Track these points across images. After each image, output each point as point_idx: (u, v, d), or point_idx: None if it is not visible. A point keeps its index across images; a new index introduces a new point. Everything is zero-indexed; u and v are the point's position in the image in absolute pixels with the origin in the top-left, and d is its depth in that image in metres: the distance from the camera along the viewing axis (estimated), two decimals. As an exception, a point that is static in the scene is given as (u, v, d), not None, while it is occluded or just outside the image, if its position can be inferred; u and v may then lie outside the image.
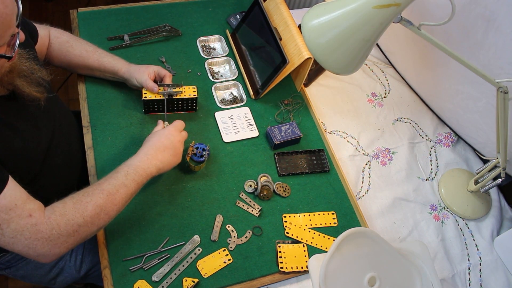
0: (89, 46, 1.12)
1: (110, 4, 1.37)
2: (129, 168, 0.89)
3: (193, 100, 1.12)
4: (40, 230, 0.76)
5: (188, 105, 1.14)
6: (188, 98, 1.11)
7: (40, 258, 0.79)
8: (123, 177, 0.87)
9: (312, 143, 1.17)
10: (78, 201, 0.82)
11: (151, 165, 0.91)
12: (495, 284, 1.07)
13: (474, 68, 0.83)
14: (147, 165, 0.91)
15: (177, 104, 1.12)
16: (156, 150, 0.93)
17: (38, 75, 0.87)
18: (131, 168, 0.89)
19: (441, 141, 1.29)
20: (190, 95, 1.11)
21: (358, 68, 0.89)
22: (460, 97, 1.16)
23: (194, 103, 1.13)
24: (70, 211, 0.80)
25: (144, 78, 1.07)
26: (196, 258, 0.95)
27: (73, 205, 0.81)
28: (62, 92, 2.24)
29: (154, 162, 0.92)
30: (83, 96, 1.15)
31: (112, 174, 0.88)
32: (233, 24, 1.37)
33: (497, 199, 1.19)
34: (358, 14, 0.78)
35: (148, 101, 1.09)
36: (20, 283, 1.69)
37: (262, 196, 1.05)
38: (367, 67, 1.41)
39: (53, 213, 0.78)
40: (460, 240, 1.12)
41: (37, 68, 0.88)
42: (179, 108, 1.14)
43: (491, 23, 0.96)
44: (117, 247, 0.94)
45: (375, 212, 1.11)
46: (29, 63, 0.85)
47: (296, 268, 0.96)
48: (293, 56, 1.14)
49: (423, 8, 1.11)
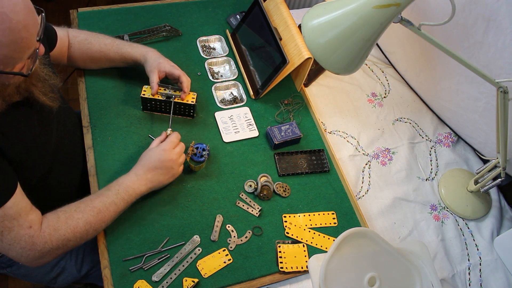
0: (106, 39, 1.13)
1: (110, 4, 1.37)
2: (120, 187, 0.92)
3: (191, 107, 1.11)
4: (35, 242, 0.81)
5: (186, 110, 1.13)
6: (186, 103, 1.10)
7: (27, 264, 0.84)
8: (114, 195, 0.91)
9: (312, 143, 1.17)
10: (70, 217, 0.86)
11: (140, 185, 0.94)
12: (495, 284, 1.07)
13: (474, 68, 0.83)
14: (136, 185, 0.94)
15: (175, 107, 1.12)
16: (145, 171, 0.95)
17: (52, 82, 0.89)
18: (122, 188, 0.92)
19: (441, 141, 1.29)
20: (189, 101, 1.10)
21: (358, 68, 0.89)
22: (460, 97, 1.16)
23: (192, 109, 1.12)
24: (62, 226, 0.84)
25: (151, 74, 1.07)
26: (196, 258, 0.95)
27: (66, 221, 0.85)
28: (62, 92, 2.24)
29: (144, 182, 0.95)
30: (83, 96, 1.16)
31: (104, 192, 0.92)
32: (233, 24, 1.37)
33: (497, 199, 1.19)
34: (358, 14, 0.78)
35: (146, 99, 1.09)
36: (21, 282, 1.69)
37: (262, 196, 1.05)
38: (367, 67, 1.41)
39: (48, 227, 0.83)
40: (460, 240, 1.12)
41: (52, 75, 0.89)
42: (176, 112, 1.14)
43: (491, 23, 0.96)
44: (117, 247, 0.94)
45: (375, 212, 1.11)
46: (46, 69, 0.87)
47: (296, 268, 0.96)
48: (293, 56, 1.14)
49: (423, 8, 1.11)
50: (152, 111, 1.14)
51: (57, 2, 2.58)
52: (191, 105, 1.10)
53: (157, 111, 1.14)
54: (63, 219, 0.85)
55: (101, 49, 1.12)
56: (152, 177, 0.95)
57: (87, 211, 0.87)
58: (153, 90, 1.07)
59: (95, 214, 0.87)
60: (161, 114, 1.14)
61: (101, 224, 0.89)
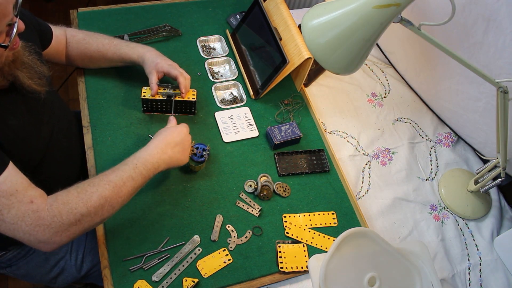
0: (104, 39, 1.13)
1: (110, 4, 1.37)
2: (138, 161, 0.88)
3: (192, 104, 1.12)
4: (41, 216, 0.75)
5: (187, 108, 1.14)
6: (187, 101, 1.11)
7: (41, 246, 0.78)
8: (131, 169, 0.86)
9: (312, 143, 1.17)
10: (83, 190, 0.80)
11: (160, 159, 0.90)
12: (495, 284, 1.07)
13: (474, 68, 0.83)
14: (156, 159, 0.90)
15: (176, 106, 1.12)
16: (167, 145, 0.92)
17: (39, 69, 0.88)
18: (140, 161, 0.88)
19: (441, 141, 1.29)
20: (189, 98, 1.10)
21: (358, 68, 0.89)
22: (460, 97, 1.16)
23: (193, 106, 1.13)
24: (73, 199, 0.78)
25: (150, 75, 1.07)
26: (196, 258, 0.95)
27: (77, 194, 0.79)
28: (62, 92, 2.24)
29: (164, 157, 0.91)
30: (83, 96, 1.15)
31: (120, 166, 0.87)
32: (233, 24, 1.37)
33: (497, 199, 1.19)
34: (358, 14, 0.78)
35: (147, 100, 1.09)
36: (21, 282, 1.69)
37: (262, 196, 1.05)
38: (367, 67, 1.41)
39: (56, 201, 0.77)
40: (460, 240, 1.12)
41: (39, 62, 0.88)
42: (177, 111, 1.14)
43: (491, 23, 0.96)
44: (117, 247, 0.94)
45: (375, 212, 1.11)
46: (31, 56, 0.86)
47: (296, 268, 0.96)
48: (293, 56, 1.14)
49: (423, 8, 1.11)
50: (153, 112, 1.14)
51: (57, 2, 2.58)
52: (192, 102, 1.11)
53: (158, 111, 1.14)
54: (74, 193, 0.79)
55: (99, 49, 1.12)
56: (173, 153, 0.92)
57: (101, 185, 0.82)
58: (153, 91, 1.07)
59: (111, 188, 0.82)
60: (163, 114, 1.14)
61: (117, 200, 0.83)
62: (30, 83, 0.84)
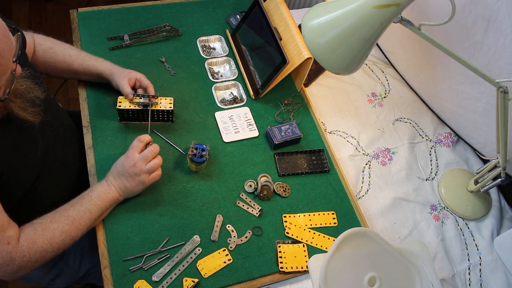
0: (72, 50, 1.10)
1: (110, 4, 1.37)
2: (93, 193, 0.92)
3: (170, 112, 1.10)
4: (13, 257, 0.80)
5: (164, 116, 1.12)
6: (164, 110, 1.09)
7: (4, 278, 0.83)
8: (87, 202, 0.91)
9: (312, 143, 1.17)
10: (47, 228, 0.85)
11: (111, 190, 0.94)
12: (495, 284, 1.07)
13: (474, 68, 0.83)
14: (108, 191, 0.94)
15: (152, 115, 1.10)
16: (113, 178, 0.96)
17: (33, 95, 0.87)
18: (95, 194, 0.92)
19: (441, 141, 1.29)
20: (166, 107, 1.08)
21: (358, 68, 0.89)
22: (460, 97, 1.16)
23: (171, 115, 1.11)
24: (39, 238, 0.83)
25: (122, 83, 1.06)
26: (196, 258, 0.95)
27: (42, 232, 0.84)
28: (62, 92, 2.24)
29: (113, 188, 0.95)
30: (83, 96, 1.15)
31: (78, 200, 0.91)
32: (233, 24, 1.37)
33: (497, 199, 1.20)
34: (358, 14, 0.78)
35: (122, 110, 1.07)
36: (20, 283, 1.69)
37: (262, 196, 1.05)
38: (367, 67, 1.41)
39: (26, 241, 0.82)
40: (460, 240, 1.12)
41: (33, 86, 0.87)
42: (155, 119, 1.12)
43: (491, 23, 0.96)
44: (117, 247, 0.94)
45: (375, 212, 1.11)
46: (25, 82, 0.85)
47: (296, 268, 0.96)
48: (293, 56, 1.14)
49: (423, 8, 1.11)
50: (130, 121, 1.12)
51: (57, 2, 2.58)
52: (169, 111, 1.09)
53: (135, 121, 1.12)
54: (40, 231, 0.84)
55: (65, 59, 1.09)
56: (119, 184, 0.95)
57: (62, 221, 0.87)
58: (130, 96, 1.05)
59: (70, 223, 0.87)
60: (140, 123, 1.12)
61: (77, 233, 0.88)
62: (25, 115, 0.84)
